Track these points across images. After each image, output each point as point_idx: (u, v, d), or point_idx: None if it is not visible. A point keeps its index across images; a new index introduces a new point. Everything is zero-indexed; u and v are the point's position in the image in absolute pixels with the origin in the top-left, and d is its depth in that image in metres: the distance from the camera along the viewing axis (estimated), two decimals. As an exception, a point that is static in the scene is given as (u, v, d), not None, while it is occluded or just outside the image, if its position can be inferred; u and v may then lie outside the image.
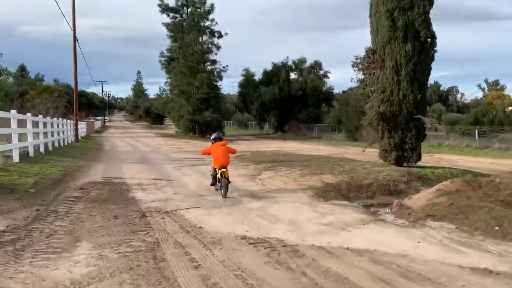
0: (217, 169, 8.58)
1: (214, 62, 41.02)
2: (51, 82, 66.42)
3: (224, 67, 41.22)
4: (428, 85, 12.91)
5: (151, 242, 4.80)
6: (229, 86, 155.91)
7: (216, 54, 41.13)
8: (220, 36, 40.96)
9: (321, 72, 50.03)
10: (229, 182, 8.52)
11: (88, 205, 7.12)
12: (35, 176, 9.31)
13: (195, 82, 38.11)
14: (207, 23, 40.60)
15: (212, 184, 8.96)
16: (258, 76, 51.65)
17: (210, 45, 40.92)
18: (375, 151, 15.04)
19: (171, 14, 42.95)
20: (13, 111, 11.97)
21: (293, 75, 50.28)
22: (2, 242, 4.65)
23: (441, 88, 79.20)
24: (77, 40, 26.88)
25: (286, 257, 4.31)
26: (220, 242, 4.83)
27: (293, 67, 49.94)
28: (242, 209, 6.96)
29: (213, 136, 9.71)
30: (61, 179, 9.92)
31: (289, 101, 47.86)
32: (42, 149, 15.25)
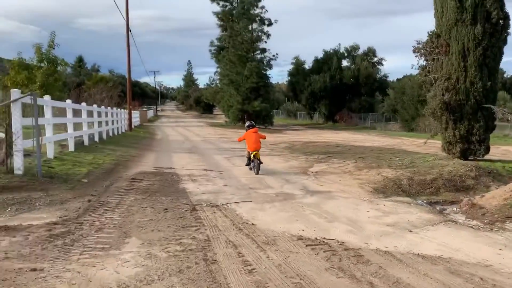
0: (250, 152, 10.28)
1: (263, 50, 40.56)
2: (106, 72, 68.91)
3: (273, 55, 40.67)
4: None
5: (202, 240, 4.51)
6: (278, 75, 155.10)
7: (265, 42, 40.67)
8: (270, 23, 40.38)
9: (375, 59, 48.31)
10: (261, 163, 10.22)
11: (139, 196, 7.00)
12: (88, 166, 9.40)
13: (245, 71, 37.89)
14: (257, 10, 40.11)
15: (247, 164, 10.58)
16: (308, 65, 50.78)
17: (259, 33, 40.45)
18: (436, 143, 14.07)
19: (220, 3, 42.88)
20: (68, 101, 12.24)
21: (345, 63, 48.95)
22: (52, 235, 4.55)
23: (505, 75, 74.08)
24: (130, 30, 27.40)
25: (349, 263, 3.86)
26: (275, 243, 4.45)
27: (345, 54, 48.52)
28: (296, 205, 6.55)
29: (246, 124, 11.31)
30: (113, 168, 9.98)
31: (341, 89, 46.59)
32: (96, 138, 15.60)
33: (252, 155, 10.18)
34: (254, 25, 40.59)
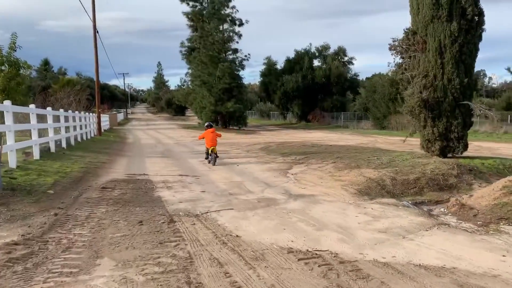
0: (208, 148, 12.39)
1: (235, 51, 40.12)
2: (73, 75, 66.85)
3: (246, 56, 40.29)
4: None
5: (183, 257, 4.07)
6: (249, 75, 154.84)
7: (237, 42, 40.26)
8: (241, 24, 39.98)
9: (346, 58, 48.63)
10: (217, 156, 12.32)
11: (111, 207, 6.48)
12: (55, 175, 8.75)
13: (217, 72, 37.35)
14: (228, 10, 39.64)
15: (206, 158, 12.61)
16: (280, 65, 50.65)
17: (231, 34, 40.01)
18: (411, 141, 14.04)
19: (190, 3, 42.10)
20: (32, 106, 11.46)
21: (316, 63, 49.05)
22: (12, 259, 4.01)
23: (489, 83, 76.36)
24: (97, 31, 26.45)
25: (348, 280, 3.52)
26: (264, 258, 4.07)
27: (316, 54, 48.71)
28: (280, 211, 6.20)
29: (206, 124, 13.85)
30: (82, 177, 9.35)
31: (313, 89, 46.70)
32: (64, 144, 14.81)
33: (210, 150, 12.31)
34: (225, 26, 40.10)
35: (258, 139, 25.16)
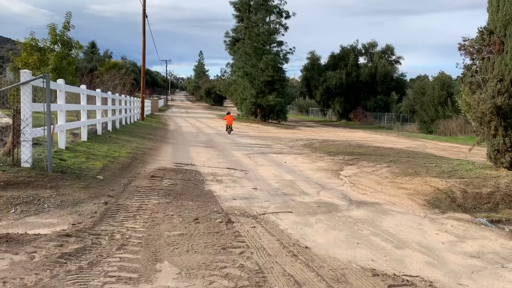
0: (227, 125, 21.74)
1: (280, 43, 39.40)
2: (118, 59, 68.09)
3: (290, 49, 39.51)
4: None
5: (253, 270, 3.56)
6: (289, 70, 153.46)
7: (283, 35, 39.53)
8: (288, 16, 39.21)
9: (393, 57, 46.84)
10: (232, 129, 21.72)
11: (162, 199, 6.09)
12: (103, 159, 8.49)
13: (260, 64, 36.81)
14: (276, 1, 38.93)
15: (225, 130, 21.93)
16: (323, 60, 49.47)
17: (277, 25, 39.28)
18: (462, 148, 12.98)
19: (238, -7, 41.71)
20: (83, 86, 11.32)
21: (362, 60, 47.52)
22: (64, 254, 3.63)
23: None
24: (146, 16, 26.43)
25: (458, 320, 2.90)
26: (347, 280, 3.49)
27: (363, 51, 47.13)
28: (345, 220, 5.59)
29: (226, 112, 24.33)
30: (130, 163, 9.06)
31: (357, 87, 45.32)
32: (110, 127, 14.73)
33: (228, 126, 21.85)
34: (272, 17, 39.42)
35: (299, 135, 24.51)
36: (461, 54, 11.27)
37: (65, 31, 16.08)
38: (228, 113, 23.22)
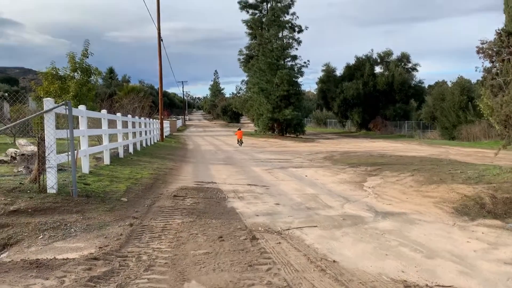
0: (238, 139, 26.03)
1: (294, 57, 39.63)
2: (136, 83, 69.50)
3: (305, 62, 39.69)
4: None
5: (281, 286, 3.52)
6: (305, 83, 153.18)
7: (296, 49, 39.81)
8: (300, 30, 39.57)
9: (409, 65, 46.46)
10: (242, 142, 25.72)
11: (186, 218, 6.10)
12: (126, 182, 8.60)
13: (275, 79, 37.02)
14: (287, 17, 39.34)
15: (237, 143, 25.95)
16: (339, 72, 49.42)
17: (290, 40, 39.60)
18: (487, 152, 12.64)
19: (250, 11, 42.40)
20: (104, 111, 11.57)
21: (378, 69, 47.27)
22: (93, 278, 3.66)
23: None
24: (161, 40, 26.99)
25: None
26: (378, 294, 3.41)
27: (378, 60, 46.93)
28: (372, 232, 5.49)
29: (238, 128, 29.54)
30: (153, 184, 9.15)
31: (374, 96, 44.99)
32: (131, 150, 14.95)
33: (239, 139, 25.65)
34: (285, 32, 39.78)
35: (319, 148, 24.38)
36: (480, 58, 11.13)
37: (84, 58, 16.55)
38: (239, 129, 28.00)
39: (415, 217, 6.39)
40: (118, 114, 13.77)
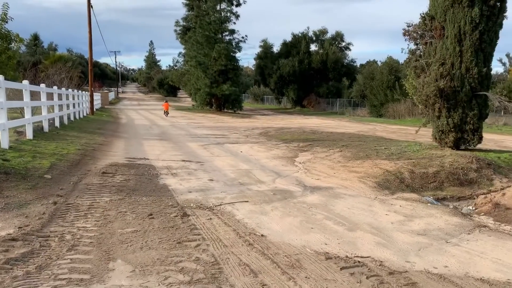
0: (165, 110, 30.33)
1: (232, 32, 39.09)
2: (64, 52, 65.11)
3: (243, 37, 39.34)
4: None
5: (209, 262, 3.57)
6: (243, 58, 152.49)
7: (234, 23, 39.20)
8: (238, 4, 38.90)
9: (343, 44, 47.81)
10: (168, 113, 30.19)
11: (115, 196, 5.94)
12: (51, 157, 8.14)
13: (213, 53, 36.41)
14: (226, -10, 38.49)
15: (163, 113, 30.05)
16: (276, 48, 49.68)
17: (228, 14, 38.92)
18: (409, 129, 13.53)
19: (188, -19, 40.91)
20: (26, 82, 10.73)
21: (313, 47, 48.15)
22: (10, 259, 3.47)
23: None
24: (91, 6, 25.37)
25: (406, 296, 3.05)
26: (301, 265, 3.58)
27: (314, 38, 47.75)
28: (300, 206, 5.71)
29: (165, 101, 35.28)
30: (80, 160, 8.75)
31: (309, 74, 45.92)
32: (57, 123, 14.11)
33: (164, 111, 30.04)
34: (223, 5, 39.00)
35: (255, 124, 24.63)
36: (405, 40, 11.71)
37: (2, 23, 15.12)
38: (166, 101, 33.67)
39: (340, 191, 6.73)
40: (43, 85, 12.85)
